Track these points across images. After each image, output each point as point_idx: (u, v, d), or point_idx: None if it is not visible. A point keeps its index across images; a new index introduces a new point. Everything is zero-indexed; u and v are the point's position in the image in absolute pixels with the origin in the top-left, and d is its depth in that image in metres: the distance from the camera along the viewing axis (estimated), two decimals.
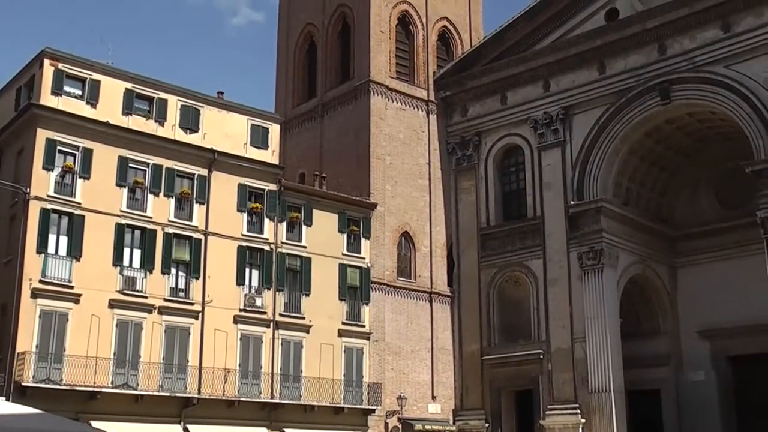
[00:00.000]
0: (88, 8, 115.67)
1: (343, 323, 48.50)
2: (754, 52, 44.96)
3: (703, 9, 46.63)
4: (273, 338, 45.64)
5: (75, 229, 40.07)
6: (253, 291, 45.44)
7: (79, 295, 39.37)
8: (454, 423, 52.35)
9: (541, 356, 49.91)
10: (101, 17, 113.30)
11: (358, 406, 47.92)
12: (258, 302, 45.40)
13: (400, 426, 49.95)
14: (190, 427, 41.42)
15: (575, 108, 51.26)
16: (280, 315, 46.15)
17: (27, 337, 37.88)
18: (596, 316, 47.76)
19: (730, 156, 50.16)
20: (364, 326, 49.44)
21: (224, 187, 45.35)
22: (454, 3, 59.92)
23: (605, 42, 50.19)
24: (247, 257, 45.65)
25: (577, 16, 52.27)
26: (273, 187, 47.15)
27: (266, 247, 46.38)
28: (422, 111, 56.08)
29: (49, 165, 39.94)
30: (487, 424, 51.50)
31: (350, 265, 49.54)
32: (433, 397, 52.28)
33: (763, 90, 44.31)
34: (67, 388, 37.99)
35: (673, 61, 47.64)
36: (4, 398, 35.20)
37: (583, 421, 47.33)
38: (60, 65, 41.41)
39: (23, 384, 36.94)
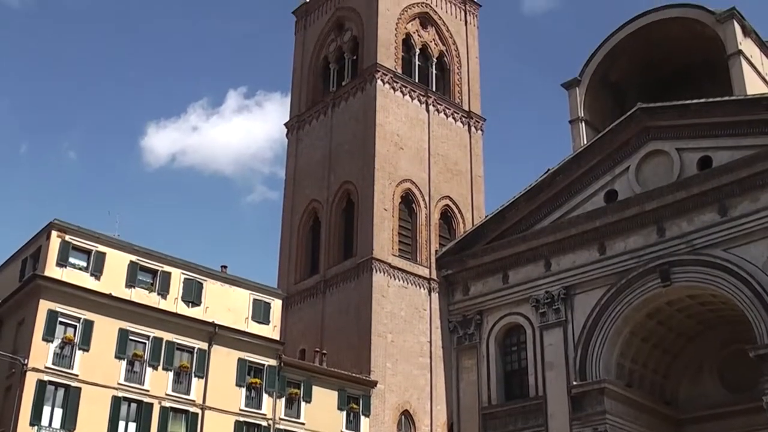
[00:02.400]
0: (104, 177, 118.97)
1: None
2: (751, 237, 45.51)
3: (700, 192, 47.57)
4: None
5: (70, 402, 39.75)
6: None
7: None
8: None
9: None
10: (116, 188, 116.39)
11: None
12: None
13: None
14: None
15: (576, 288, 51.48)
16: None
17: None
18: None
19: (733, 339, 50.00)
20: None
21: (224, 361, 45.13)
22: (456, 182, 61.17)
23: (605, 223, 50.94)
24: None
25: (577, 197, 53.23)
26: (273, 362, 46.89)
27: (264, 423, 45.67)
28: (424, 289, 56.29)
29: (49, 336, 40.03)
30: None
31: None
32: None
33: (762, 274, 44.57)
34: None
35: (672, 244, 48.18)
36: None
37: None
38: (67, 237, 42.16)
39: None
